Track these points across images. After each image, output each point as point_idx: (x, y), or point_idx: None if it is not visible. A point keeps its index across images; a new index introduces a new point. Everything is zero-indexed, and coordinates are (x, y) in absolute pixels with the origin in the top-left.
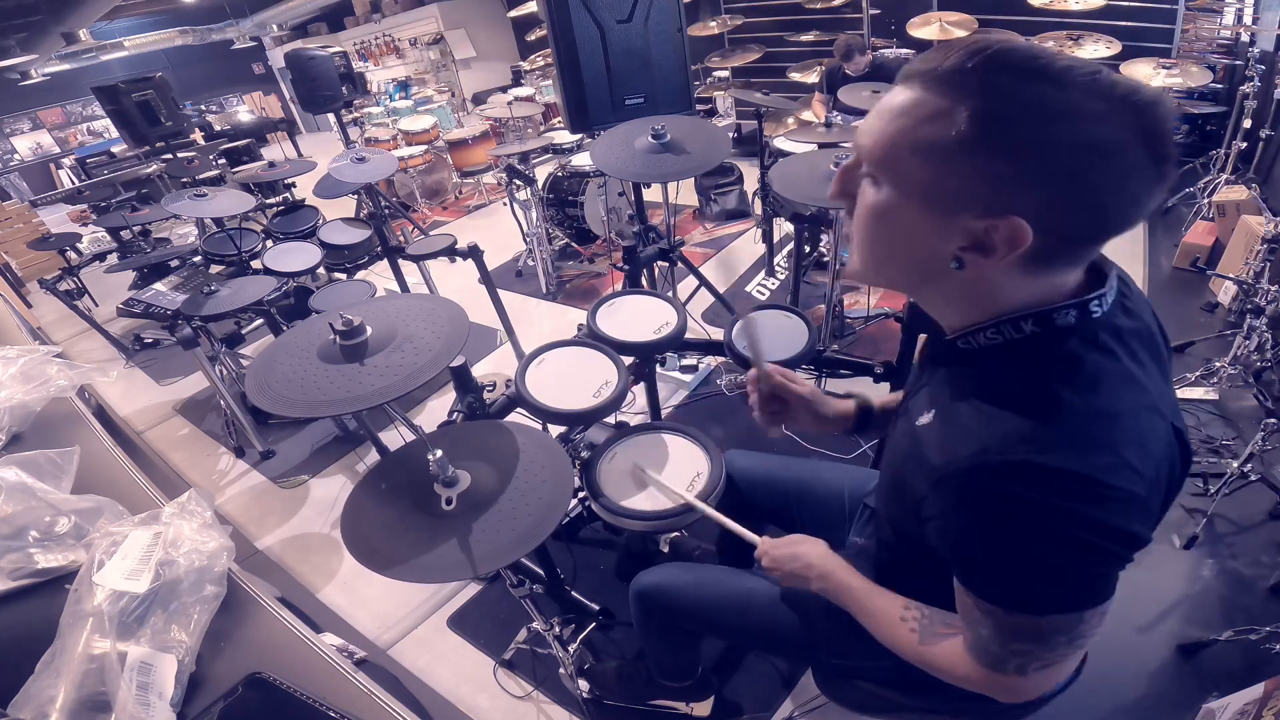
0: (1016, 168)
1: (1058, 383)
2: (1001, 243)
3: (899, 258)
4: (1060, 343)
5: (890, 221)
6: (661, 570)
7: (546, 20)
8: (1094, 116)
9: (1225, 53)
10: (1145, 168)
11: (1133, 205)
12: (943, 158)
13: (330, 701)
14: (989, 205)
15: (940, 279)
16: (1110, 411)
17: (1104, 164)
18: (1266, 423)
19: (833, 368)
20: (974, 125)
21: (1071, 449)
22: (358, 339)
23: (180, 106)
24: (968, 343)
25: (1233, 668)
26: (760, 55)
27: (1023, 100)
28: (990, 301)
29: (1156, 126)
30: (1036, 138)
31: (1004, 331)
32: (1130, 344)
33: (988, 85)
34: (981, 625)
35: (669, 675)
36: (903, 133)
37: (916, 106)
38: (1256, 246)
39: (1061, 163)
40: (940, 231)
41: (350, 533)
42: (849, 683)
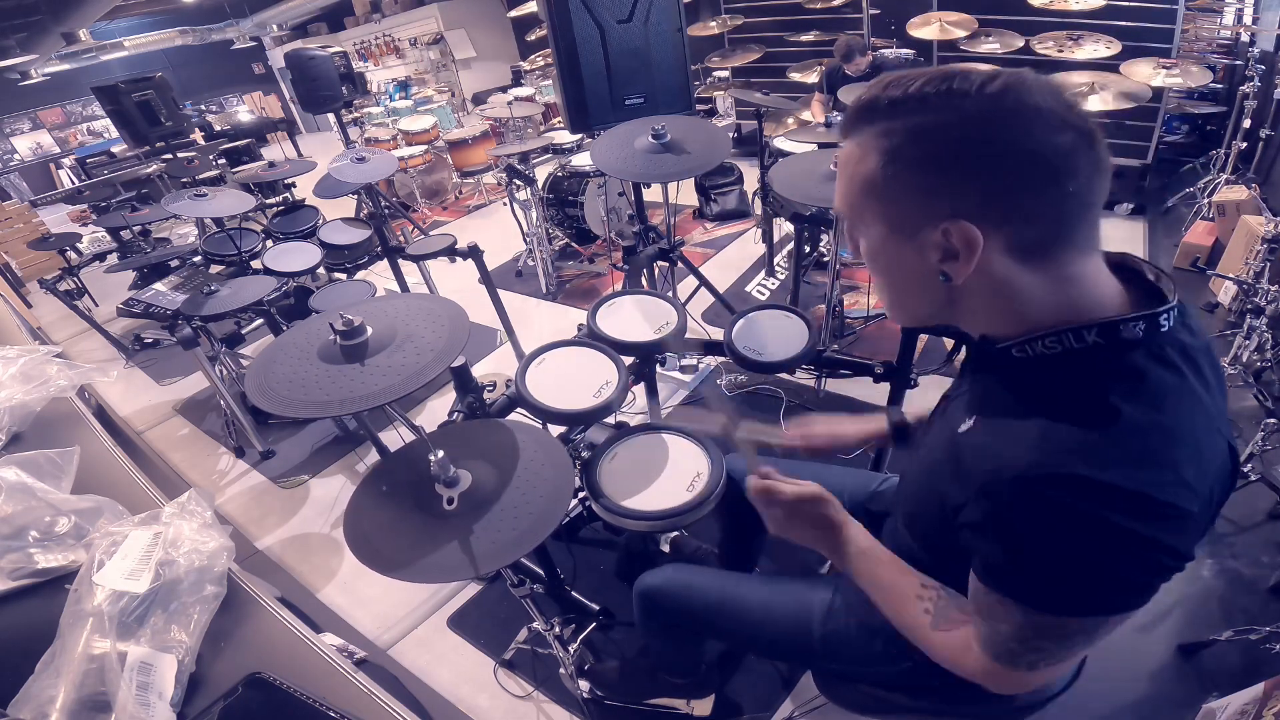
0: (937, 177)
1: (1120, 396)
2: (961, 245)
3: (907, 289)
4: (1124, 355)
5: (882, 260)
6: (664, 572)
7: (546, 20)
8: (974, 113)
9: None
10: (1055, 133)
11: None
12: (883, 190)
13: (330, 701)
14: (936, 216)
15: (954, 297)
16: (1173, 429)
17: (1005, 144)
18: (1266, 423)
19: (833, 368)
20: (883, 154)
21: (1130, 465)
22: (358, 339)
23: (180, 106)
24: (1024, 350)
25: (1233, 668)
26: (760, 55)
27: (915, 118)
28: (1020, 305)
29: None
30: (940, 146)
31: (1064, 340)
32: (1197, 360)
33: (883, 116)
34: (1003, 622)
35: (673, 671)
36: (851, 181)
37: (850, 154)
38: (1256, 246)
39: (973, 158)
40: (917, 252)
41: (352, 533)
42: (849, 685)
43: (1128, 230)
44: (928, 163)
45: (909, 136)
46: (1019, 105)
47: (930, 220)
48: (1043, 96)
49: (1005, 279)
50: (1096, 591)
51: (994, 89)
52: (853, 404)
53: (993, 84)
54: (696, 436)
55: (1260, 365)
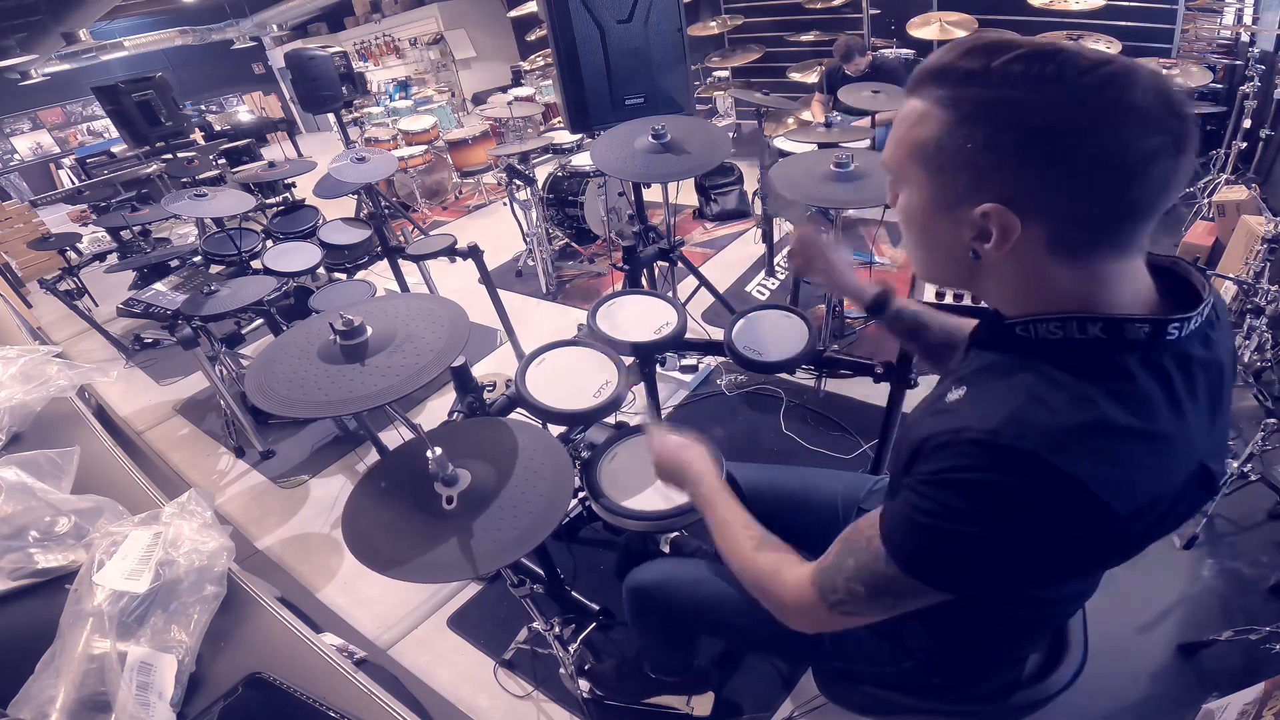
0: (997, 160)
1: (1104, 394)
2: (996, 229)
3: (935, 255)
4: (1120, 355)
5: (916, 223)
6: (657, 566)
7: (546, 20)
8: (1061, 101)
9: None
10: (1145, 135)
11: (1143, 175)
12: (934, 158)
13: (330, 701)
14: (980, 195)
15: (977, 271)
16: (1141, 433)
17: (1082, 141)
18: (1266, 423)
19: (833, 368)
20: (948, 124)
21: (1087, 459)
22: (358, 339)
23: (180, 106)
24: (1027, 330)
25: (1233, 668)
26: (760, 55)
27: (984, 96)
28: (1043, 293)
29: (1143, 96)
30: (1009, 132)
31: (1068, 328)
32: (1193, 375)
33: (955, 84)
34: (853, 556)
35: (663, 670)
36: (903, 141)
37: (910, 113)
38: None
39: (1042, 149)
40: (952, 225)
41: (351, 532)
42: (850, 684)
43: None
44: (991, 142)
45: (979, 111)
46: (1114, 103)
47: (973, 198)
48: (1145, 94)
49: (1034, 268)
50: (956, 562)
51: (1093, 80)
52: (853, 404)
53: (1096, 74)
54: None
55: (1260, 365)
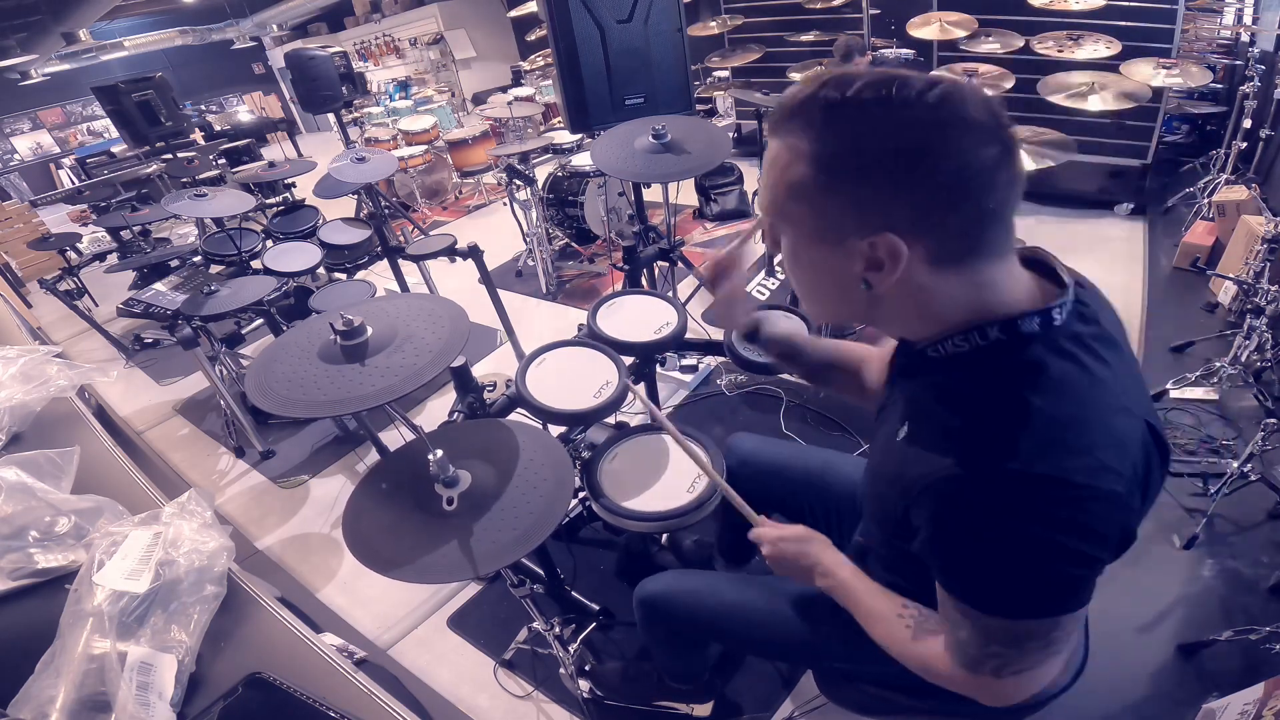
0: (869, 188)
1: (1026, 389)
2: (886, 257)
3: (827, 292)
4: (1024, 349)
5: (802, 263)
6: (664, 578)
7: (546, 20)
8: (911, 123)
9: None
10: (983, 146)
11: (992, 183)
12: (810, 195)
13: (330, 701)
14: (862, 226)
15: (873, 303)
16: (1079, 415)
17: (938, 158)
18: (1266, 423)
19: None
20: (816, 161)
21: (1045, 455)
22: (358, 339)
23: (180, 106)
24: (937, 350)
25: (1233, 668)
26: (760, 55)
27: (848, 129)
28: (938, 309)
29: (973, 110)
30: (872, 157)
31: (971, 339)
32: (1093, 347)
33: (817, 118)
34: (960, 627)
35: (677, 677)
36: (777, 183)
37: (779, 156)
38: (1256, 246)
39: (905, 172)
40: (839, 260)
41: (351, 533)
42: (851, 685)
43: (1128, 230)
44: (860, 173)
45: (844, 145)
46: (953, 119)
47: (857, 230)
48: (975, 108)
49: (921, 286)
50: (1033, 590)
51: (932, 98)
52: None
53: (931, 93)
54: (696, 437)
55: (1260, 365)
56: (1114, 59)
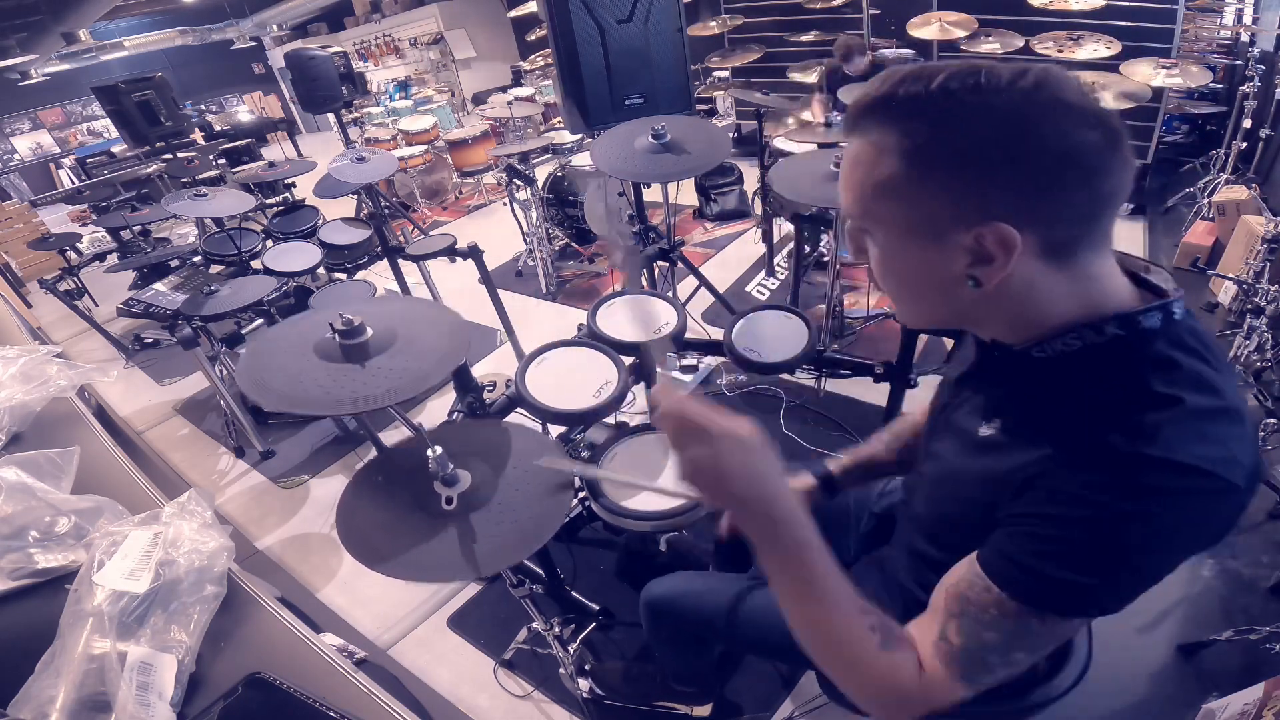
0: (969, 177)
1: (1162, 383)
2: (997, 248)
3: (924, 294)
4: (1148, 345)
5: (897, 264)
6: (670, 580)
7: (546, 20)
8: (1009, 107)
9: (1225, 53)
10: (1086, 130)
11: (1102, 167)
12: (903, 191)
13: (330, 701)
14: (967, 218)
15: (976, 303)
16: (1222, 408)
17: (1044, 140)
18: (1266, 423)
19: (833, 368)
20: (907, 152)
21: (1187, 443)
22: (358, 339)
23: (180, 106)
24: (1043, 350)
25: (1233, 668)
26: (760, 55)
27: (941, 115)
28: (1046, 305)
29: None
30: (970, 144)
31: (1084, 336)
32: (1208, 344)
33: (902, 112)
34: (990, 629)
35: (681, 680)
36: (863, 183)
37: (862, 153)
38: (1256, 246)
39: (1008, 157)
40: (940, 257)
41: (346, 529)
42: None
43: (1128, 230)
44: (958, 162)
45: (936, 134)
46: (1054, 101)
47: (960, 223)
48: (1073, 93)
49: (1030, 280)
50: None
51: (1027, 84)
52: (853, 404)
53: (1025, 79)
54: None
55: (1260, 365)
56: (1114, 59)
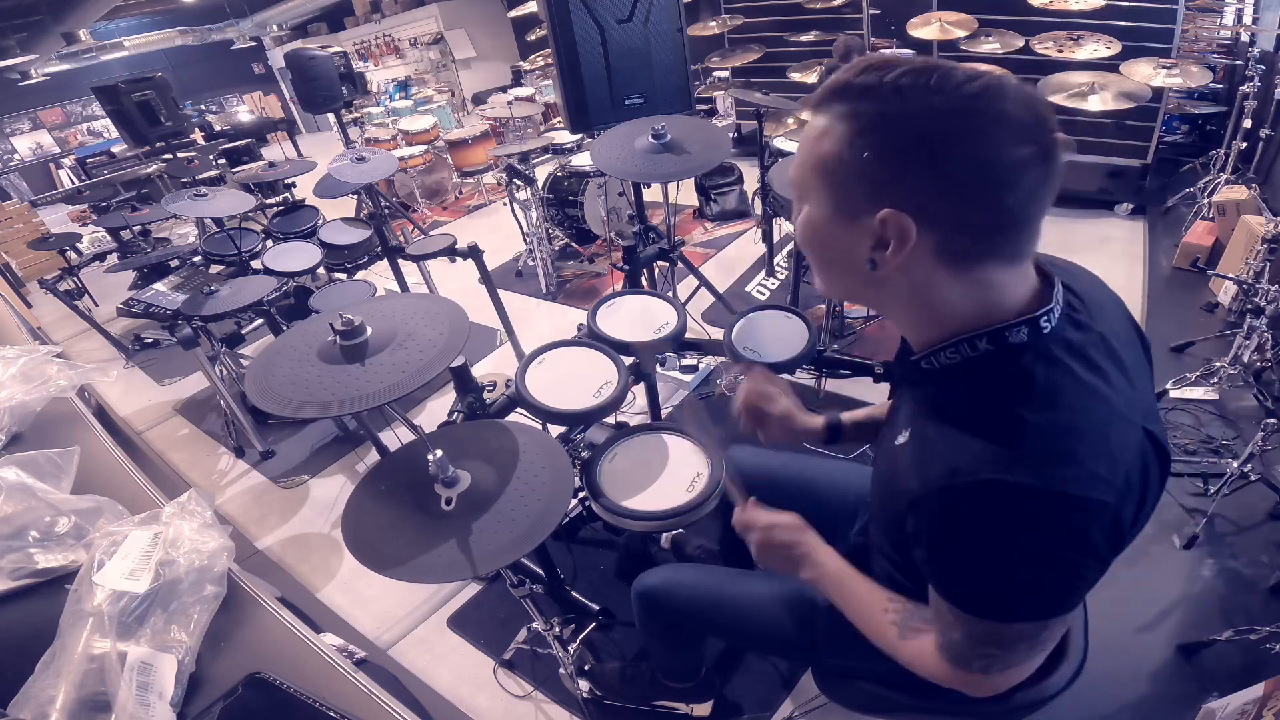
0: (890, 167)
1: (1016, 401)
2: (893, 236)
3: (835, 267)
4: (1014, 360)
5: (816, 235)
6: (663, 571)
7: (546, 20)
8: (941, 110)
9: (1225, 53)
10: (1015, 144)
11: (1015, 184)
12: (835, 170)
13: (330, 701)
14: (878, 203)
15: (876, 284)
16: (1070, 426)
17: (961, 149)
18: (1266, 423)
19: (833, 368)
20: (846, 139)
21: (1036, 466)
22: (358, 339)
23: (180, 106)
24: (930, 362)
25: (1233, 668)
26: (760, 55)
27: (881, 109)
28: (940, 308)
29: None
30: (898, 139)
31: (961, 350)
32: (1087, 354)
33: (852, 98)
34: (953, 629)
35: (673, 676)
36: (808, 156)
37: (812, 130)
38: (1256, 246)
39: (927, 155)
40: (851, 235)
41: (351, 533)
42: (849, 683)
43: (1128, 230)
44: (886, 152)
45: (873, 124)
46: (988, 111)
47: (871, 206)
48: (1015, 105)
49: (925, 279)
50: (1025, 596)
51: (970, 90)
52: (853, 404)
53: (971, 85)
54: (695, 438)
55: (1260, 365)
56: (1114, 59)
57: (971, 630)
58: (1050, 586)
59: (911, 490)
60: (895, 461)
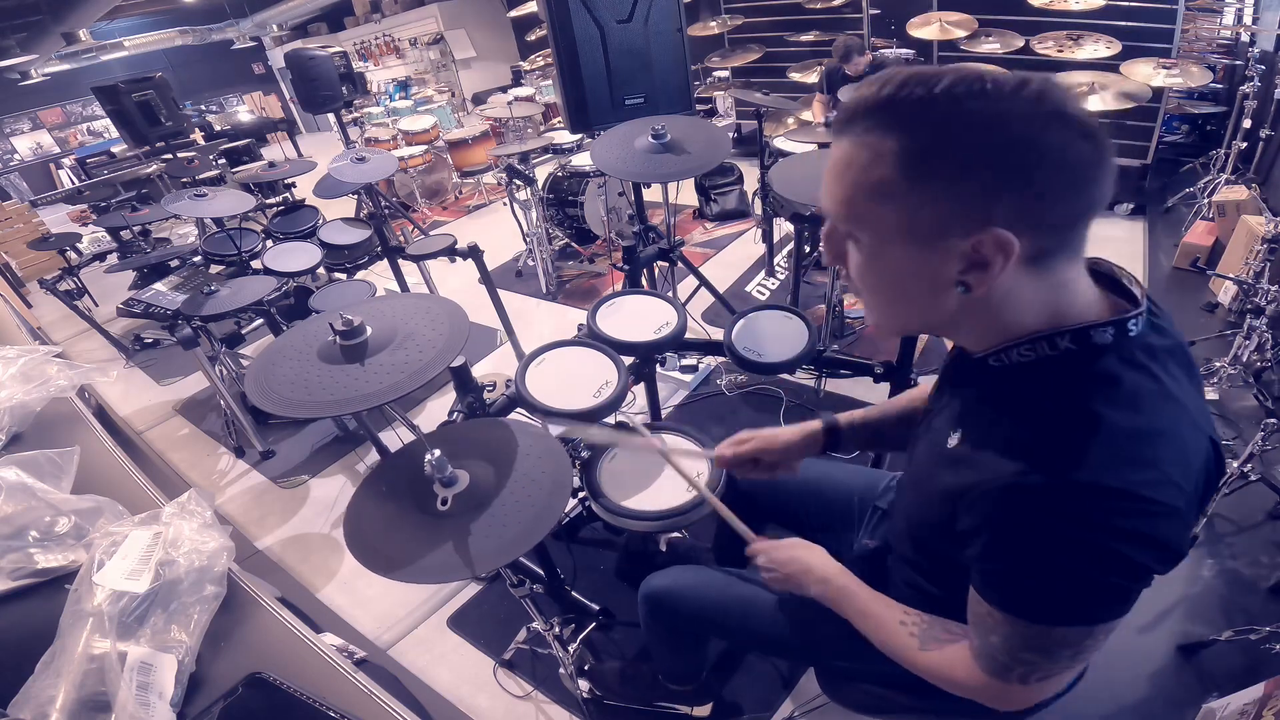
0: (975, 182)
1: (1098, 401)
2: (994, 254)
3: (908, 300)
4: (1096, 360)
5: (885, 270)
6: (669, 573)
7: (546, 20)
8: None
9: (1225, 53)
10: (1082, 140)
11: (1093, 177)
12: (899, 194)
13: (330, 701)
14: (965, 223)
15: (956, 309)
16: (1152, 429)
17: (1047, 151)
18: (1266, 423)
19: (833, 368)
20: (909, 156)
21: (1115, 467)
22: (358, 339)
23: (180, 106)
24: (1000, 360)
25: (1233, 668)
26: (760, 55)
27: (946, 119)
28: (1015, 315)
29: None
30: (974, 150)
31: (1038, 348)
32: (1165, 361)
33: (904, 115)
34: (993, 633)
35: (674, 678)
36: (855, 186)
37: (855, 156)
38: (1256, 246)
39: (1012, 164)
40: (933, 262)
41: (352, 533)
42: (851, 684)
43: (1128, 230)
44: (961, 168)
45: (940, 139)
46: (1057, 113)
47: (959, 227)
48: (1070, 104)
49: (1010, 286)
50: (1078, 598)
51: (1030, 94)
52: (853, 404)
53: (1028, 88)
54: (696, 438)
55: (1260, 365)
56: (1114, 59)
57: (1015, 633)
58: (1107, 589)
59: (969, 486)
60: (945, 464)
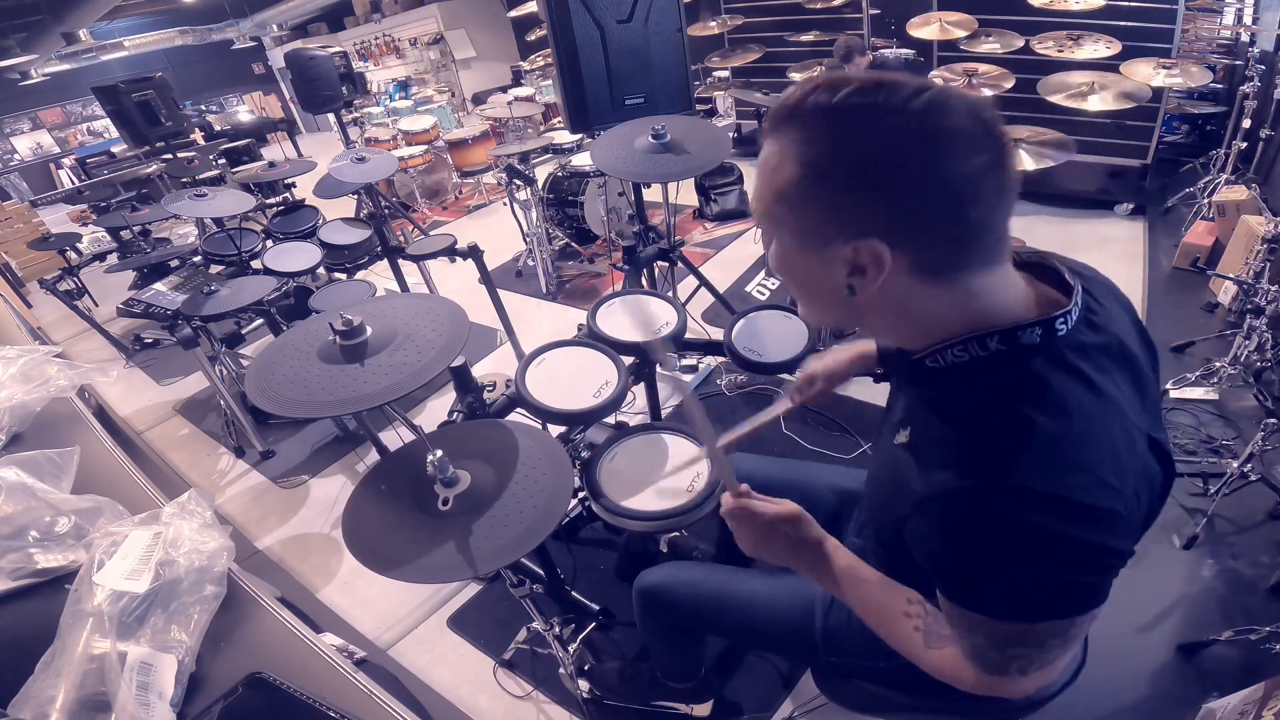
0: (853, 194)
1: (1027, 405)
2: (870, 263)
3: (816, 296)
4: (1025, 362)
5: (791, 267)
6: (664, 569)
7: (546, 20)
8: (895, 131)
9: (1225, 53)
10: (968, 157)
11: (975, 196)
12: (796, 199)
13: (330, 701)
14: (846, 232)
15: (858, 309)
16: (1081, 432)
17: (919, 170)
18: (1266, 423)
19: None
20: (803, 165)
21: (1045, 471)
22: (358, 339)
23: (180, 106)
24: (936, 360)
25: (1233, 668)
26: (760, 55)
27: (834, 134)
28: (926, 319)
29: (960, 119)
30: (855, 163)
31: (970, 349)
32: (1098, 359)
33: (807, 123)
34: (974, 634)
35: (673, 676)
36: (766, 186)
37: (770, 156)
38: (1256, 246)
39: (887, 179)
40: (824, 265)
41: (351, 533)
42: (849, 682)
43: (1128, 230)
44: (845, 179)
45: (830, 149)
46: (938, 129)
47: (840, 235)
48: (961, 118)
49: (906, 296)
50: (1046, 595)
51: (918, 106)
52: (853, 404)
53: (918, 100)
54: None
55: (1260, 365)
56: (1114, 59)
57: (995, 632)
58: (1068, 583)
59: (916, 493)
60: (895, 462)
